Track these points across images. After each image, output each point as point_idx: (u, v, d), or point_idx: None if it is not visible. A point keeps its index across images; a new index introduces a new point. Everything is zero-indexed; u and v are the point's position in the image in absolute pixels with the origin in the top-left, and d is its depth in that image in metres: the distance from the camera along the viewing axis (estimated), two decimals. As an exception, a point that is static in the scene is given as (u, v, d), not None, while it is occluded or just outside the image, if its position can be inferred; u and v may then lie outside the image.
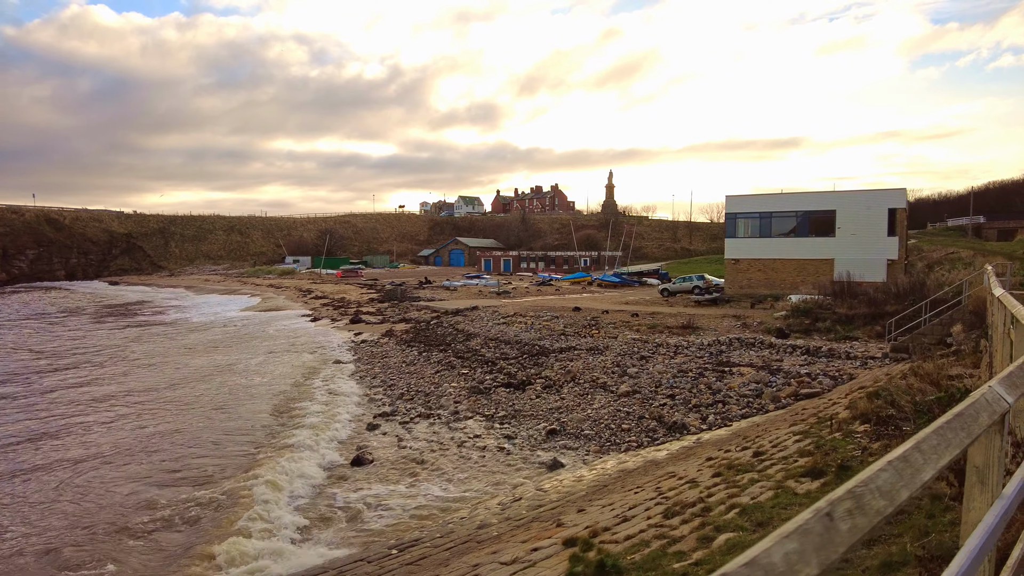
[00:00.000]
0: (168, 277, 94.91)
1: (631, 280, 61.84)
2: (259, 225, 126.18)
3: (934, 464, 1.30)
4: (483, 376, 21.20)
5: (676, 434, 14.79)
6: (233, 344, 32.46)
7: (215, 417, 18.44)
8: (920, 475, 1.25)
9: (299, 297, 57.96)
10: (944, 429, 1.45)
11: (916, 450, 1.31)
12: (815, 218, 37.78)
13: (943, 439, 1.41)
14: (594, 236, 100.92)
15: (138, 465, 14.37)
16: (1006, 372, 2.16)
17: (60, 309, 54.12)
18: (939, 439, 1.40)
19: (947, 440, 1.42)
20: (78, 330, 39.34)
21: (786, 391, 16.70)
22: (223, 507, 11.76)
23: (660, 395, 17.59)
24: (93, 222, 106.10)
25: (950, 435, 1.45)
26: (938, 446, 1.35)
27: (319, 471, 14.06)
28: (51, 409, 19.31)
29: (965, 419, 1.57)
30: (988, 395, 1.82)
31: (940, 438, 1.40)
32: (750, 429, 13.25)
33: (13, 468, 14.20)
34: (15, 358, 28.81)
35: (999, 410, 1.81)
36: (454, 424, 16.76)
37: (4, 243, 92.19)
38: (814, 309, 25.99)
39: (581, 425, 15.83)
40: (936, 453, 1.33)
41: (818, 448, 8.79)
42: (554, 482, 12.09)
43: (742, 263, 39.42)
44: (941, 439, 1.40)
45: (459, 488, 12.57)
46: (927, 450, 1.32)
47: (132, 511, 11.71)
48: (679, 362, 21.07)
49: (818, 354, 20.91)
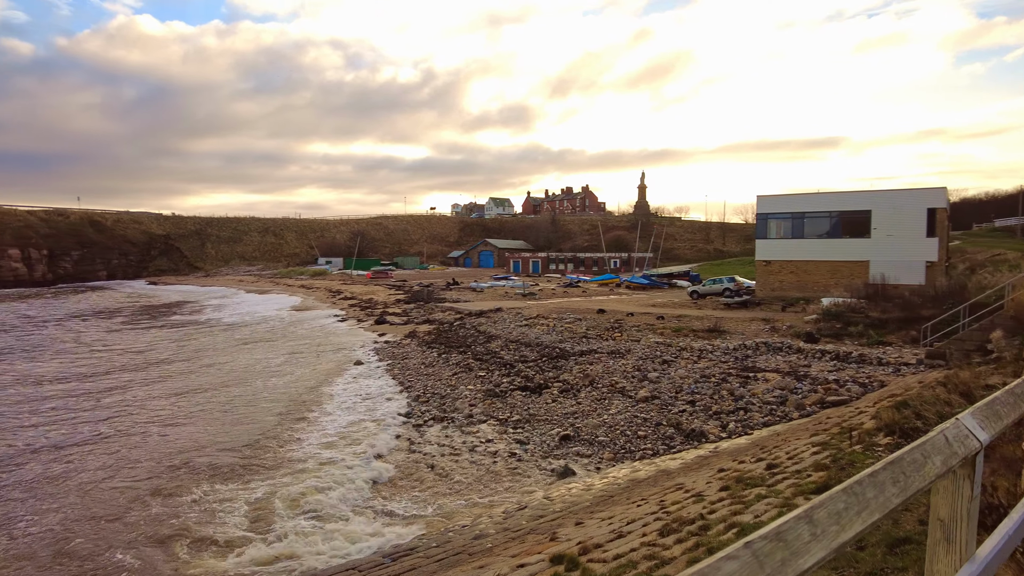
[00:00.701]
0: (204, 277, 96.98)
1: (660, 282, 60.88)
2: (293, 227, 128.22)
3: (825, 545, 0.92)
4: (500, 379, 20.90)
5: (694, 442, 14.27)
6: (258, 344, 32.79)
7: (224, 419, 18.50)
8: (793, 567, 0.88)
9: (328, 298, 58.51)
10: (863, 486, 1.08)
11: (806, 521, 0.95)
12: (849, 219, 36.53)
13: (856, 501, 1.04)
14: (624, 237, 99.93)
15: (135, 466, 14.45)
16: (985, 401, 1.76)
17: (110, 308, 55.69)
18: (849, 502, 1.03)
19: (861, 503, 1.05)
20: (117, 331, 40.34)
21: (811, 398, 16.01)
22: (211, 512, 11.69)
23: (680, 401, 17.05)
24: (133, 224, 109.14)
25: (870, 494, 1.08)
26: (842, 514, 0.98)
27: (327, 468, 13.99)
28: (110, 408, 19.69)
29: (904, 467, 1.20)
30: (951, 431, 1.44)
31: (851, 500, 1.03)
32: (770, 438, 12.67)
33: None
34: (77, 358, 29.59)
35: (964, 451, 1.43)
36: (467, 428, 16.49)
37: (51, 244, 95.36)
38: (845, 313, 25.00)
39: (596, 431, 15.41)
40: (832, 528, 0.95)
41: (835, 462, 8.26)
42: (562, 490, 11.72)
43: (773, 265, 38.36)
44: (853, 501, 1.03)
45: (466, 495, 12.29)
46: (822, 520, 0.95)
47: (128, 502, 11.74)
48: (702, 367, 20.45)
49: (848, 360, 20.07)
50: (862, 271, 34.53)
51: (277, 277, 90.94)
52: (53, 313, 51.56)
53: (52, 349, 31.89)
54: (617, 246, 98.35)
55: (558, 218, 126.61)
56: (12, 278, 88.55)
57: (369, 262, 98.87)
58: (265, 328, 39.58)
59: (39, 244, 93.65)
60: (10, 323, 44.30)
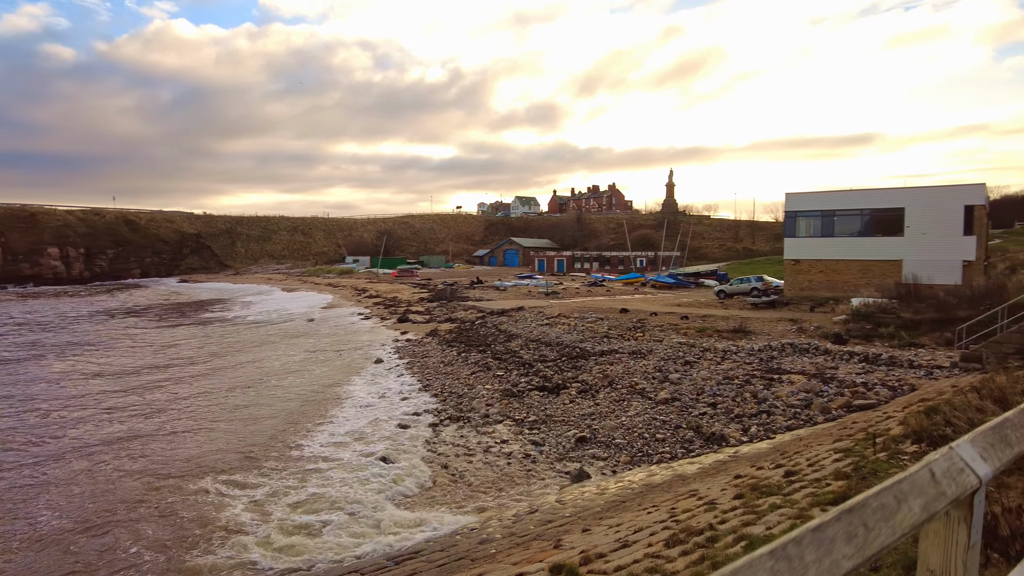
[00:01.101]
0: (233, 276, 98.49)
1: (687, 281, 59.98)
2: (321, 226, 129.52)
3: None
4: (518, 379, 20.68)
5: (713, 446, 13.87)
6: (281, 341, 33.08)
7: (237, 418, 18.60)
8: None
9: (353, 296, 58.91)
10: (801, 546, 0.82)
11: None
12: (881, 216, 35.47)
13: (788, 570, 0.78)
14: (651, 236, 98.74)
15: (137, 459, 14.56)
16: (992, 423, 1.47)
17: (143, 306, 56.94)
18: (777, 571, 0.77)
19: (796, 572, 0.79)
20: (152, 329, 41.12)
21: (838, 402, 15.46)
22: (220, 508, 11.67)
23: (701, 403, 16.63)
24: (166, 223, 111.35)
25: (809, 557, 0.82)
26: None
27: (341, 467, 13.94)
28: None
29: (867, 516, 0.93)
30: (941, 464, 1.15)
31: (780, 569, 0.78)
32: (792, 443, 12.23)
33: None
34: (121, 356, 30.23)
35: (956, 491, 1.15)
36: (483, 428, 16.32)
37: (87, 243, 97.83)
38: (876, 313, 24.19)
39: (613, 433, 15.09)
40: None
41: (856, 470, 7.86)
42: (575, 494, 11.46)
43: (802, 264, 37.44)
44: (783, 570, 0.78)
45: (477, 497, 12.10)
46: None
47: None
48: (725, 368, 19.95)
49: (877, 362, 19.38)
50: (895, 270, 33.49)
51: (305, 275, 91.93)
52: (93, 310, 52.84)
53: (89, 346, 32.60)
54: (644, 245, 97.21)
55: (584, 217, 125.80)
56: (52, 276, 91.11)
57: (395, 261, 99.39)
58: (290, 326, 39.96)
59: (76, 243, 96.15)
60: (61, 321, 45.51)
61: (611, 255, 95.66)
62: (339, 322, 41.04)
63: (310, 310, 49.31)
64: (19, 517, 11.49)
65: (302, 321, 42.18)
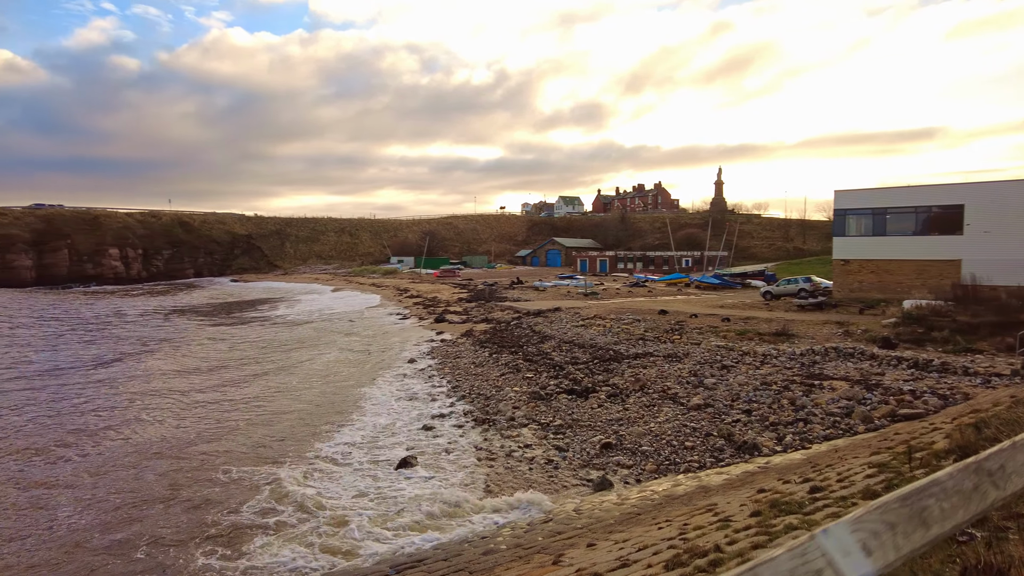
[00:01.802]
0: (282, 275, 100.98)
1: (732, 282, 58.39)
2: (367, 227, 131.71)
3: None
4: (547, 381, 20.31)
5: (745, 455, 13.23)
6: (320, 339, 33.55)
7: (260, 418, 18.79)
8: None
9: (395, 296, 59.51)
10: None
11: None
12: (939, 214, 33.63)
13: None
14: (697, 235, 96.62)
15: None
16: (895, 495, 1.07)
17: (201, 304, 58.95)
18: None
19: None
20: (211, 327, 42.41)
21: (881, 410, 14.56)
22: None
23: (735, 410, 15.94)
24: (218, 224, 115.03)
25: None
26: None
27: (362, 471, 13.89)
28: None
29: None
30: (783, 565, 0.77)
31: None
32: (827, 454, 11.52)
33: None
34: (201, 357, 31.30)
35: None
36: (507, 431, 16.03)
37: (145, 244, 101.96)
38: (929, 316, 22.83)
39: (640, 440, 14.58)
40: None
41: (887, 490, 7.23)
42: (594, 503, 11.05)
43: (852, 264, 35.84)
44: None
45: (494, 503, 11.80)
46: None
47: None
48: (764, 373, 19.13)
49: (928, 368, 18.23)
50: (953, 271, 31.69)
51: (350, 275, 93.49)
52: (169, 307, 54.93)
53: (157, 344, 33.78)
54: (689, 244, 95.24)
55: (628, 216, 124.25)
56: (112, 276, 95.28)
57: (438, 261, 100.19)
58: (331, 326, 40.55)
59: (135, 244, 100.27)
60: (140, 319, 47.43)
61: (655, 255, 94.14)
62: (378, 322, 41.43)
63: (352, 310, 50.02)
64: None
65: (342, 321, 42.77)
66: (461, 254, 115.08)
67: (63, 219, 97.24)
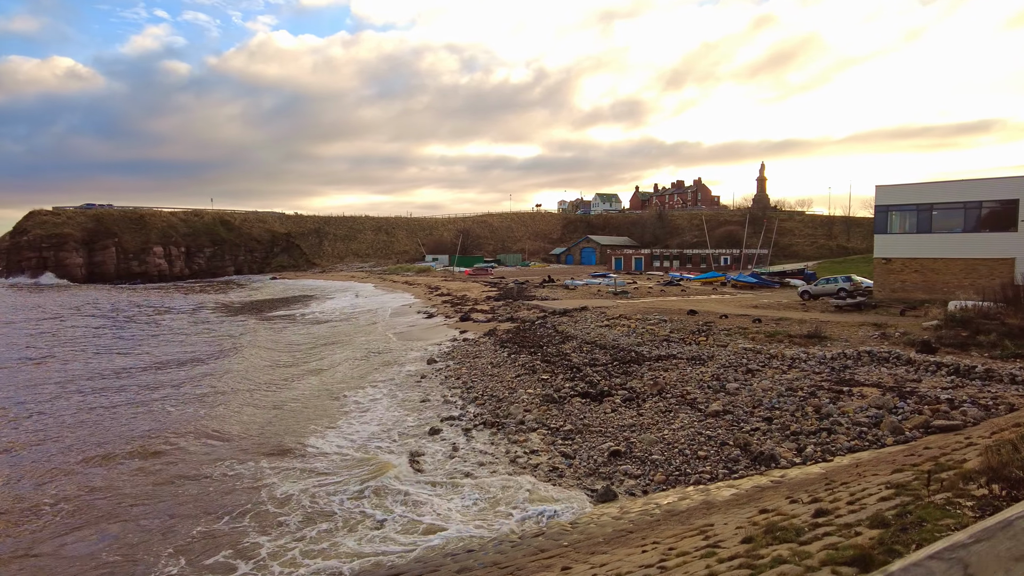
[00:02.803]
0: (319, 273, 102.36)
1: (770, 281, 56.51)
2: (403, 225, 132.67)
3: None
4: (563, 383, 19.69)
5: (760, 467, 12.41)
6: (345, 338, 33.59)
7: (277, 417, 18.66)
8: None
9: (425, 293, 59.50)
10: None
11: None
12: (990, 209, 31.68)
13: None
14: (736, 233, 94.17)
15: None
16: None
17: (237, 302, 60.20)
18: None
19: None
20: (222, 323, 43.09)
21: (913, 421, 13.52)
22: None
23: (755, 417, 15.07)
24: (258, 223, 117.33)
25: None
26: None
27: (360, 474, 13.59)
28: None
29: None
30: None
31: None
32: (846, 469, 10.65)
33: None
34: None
35: None
36: (515, 436, 15.51)
37: (188, 242, 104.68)
38: (975, 319, 21.35)
39: (651, 448, 13.87)
40: None
41: (899, 517, 6.47)
42: (592, 516, 10.45)
43: (894, 263, 34.10)
44: None
45: (487, 513, 11.30)
46: None
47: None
48: (790, 378, 18.14)
49: (970, 375, 16.95)
50: (1005, 270, 29.81)
51: (385, 274, 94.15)
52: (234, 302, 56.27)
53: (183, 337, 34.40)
54: (729, 242, 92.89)
55: (665, 213, 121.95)
56: (156, 273, 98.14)
57: (472, 259, 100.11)
58: (355, 323, 40.66)
59: (178, 242, 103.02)
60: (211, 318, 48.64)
61: (693, 253, 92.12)
62: (403, 319, 41.37)
63: (380, 308, 50.17)
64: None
65: (370, 318, 42.88)
66: (495, 252, 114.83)
67: (112, 218, 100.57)
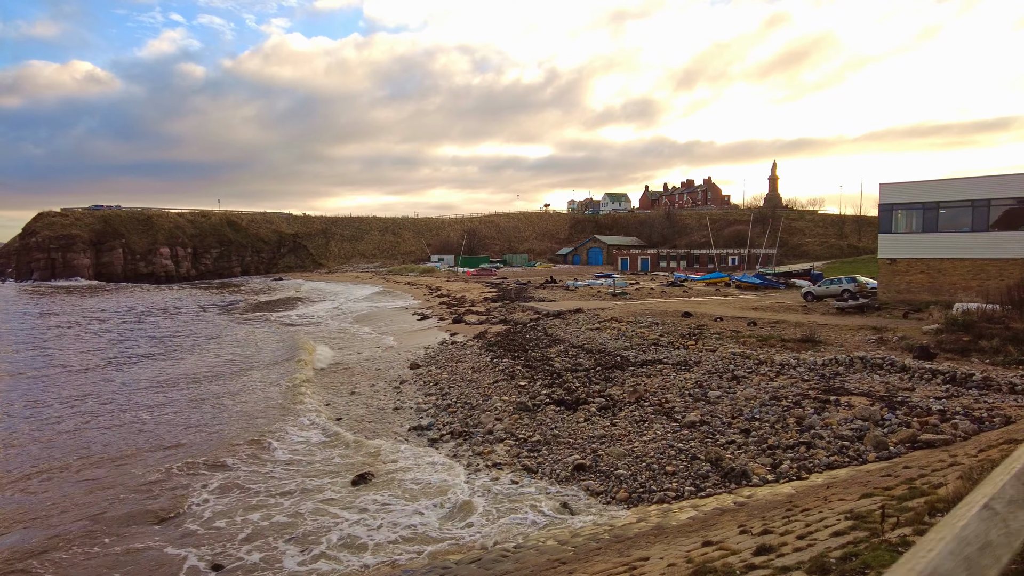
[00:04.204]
0: (325, 274, 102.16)
1: (776, 282, 55.27)
2: (410, 226, 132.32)
3: None
4: (539, 390, 18.88)
5: (730, 484, 11.55)
6: (336, 341, 33.00)
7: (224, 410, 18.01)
8: None
9: (425, 294, 58.86)
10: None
11: None
12: (1002, 208, 30.41)
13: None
14: (745, 232, 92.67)
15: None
16: None
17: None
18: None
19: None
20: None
21: (900, 434, 12.57)
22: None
23: (733, 429, 14.19)
24: (265, 224, 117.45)
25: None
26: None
27: (318, 485, 12.92)
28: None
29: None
30: None
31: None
32: (814, 491, 9.77)
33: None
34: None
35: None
36: (480, 447, 14.76)
37: (195, 243, 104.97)
38: (978, 323, 20.25)
39: (618, 462, 13.04)
40: None
41: (841, 562, 5.62)
42: (537, 538, 9.66)
43: (899, 264, 32.90)
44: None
45: (413, 541, 10.51)
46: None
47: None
48: (776, 386, 17.21)
49: (967, 384, 15.92)
50: (1017, 270, 28.56)
51: (390, 274, 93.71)
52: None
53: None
54: (738, 242, 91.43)
55: (673, 213, 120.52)
56: (163, 274, 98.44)
57: (478, 259, 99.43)
58: (347, 333, 40.08)
59: (185, 243, 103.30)
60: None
61: (700, 253, 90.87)
62: (397, 320, 40.72)
63: (377, 308, 49.60)
64: None
65: (366, 319, 42.31)
66: (502, 252, 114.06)
67: (119, 220, 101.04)
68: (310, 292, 74.00)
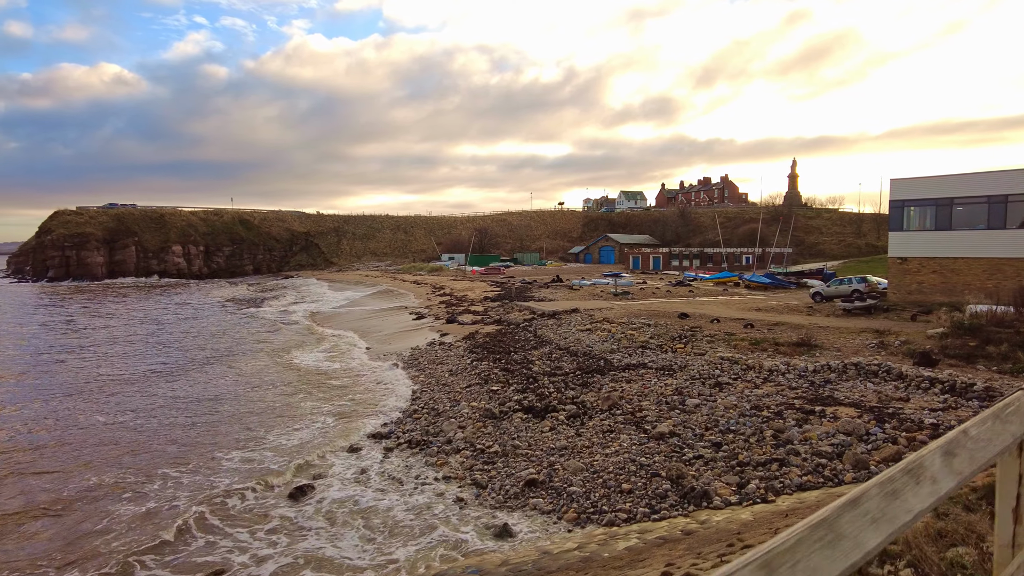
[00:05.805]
0: (336, 272, 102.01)
1: (786, 281, 53.65)
2: (422, 224, 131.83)
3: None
4: (512, 395, 17.88)
5: (688, 506, 10.47)
6: (327, 342, 32.32)
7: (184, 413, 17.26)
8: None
9: (427, 293, 58.11)
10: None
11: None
12: (1018, 203, 28.75)
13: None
14: (761, 230, 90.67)
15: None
16: None
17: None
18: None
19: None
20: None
21: (884, 452, 11.37)
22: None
23: (703, 442, 13.08)
24: (278, 222, 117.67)
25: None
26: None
27: (244, 494, 12.10)
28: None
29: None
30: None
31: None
32: (774, 519, 8.67)
33: None
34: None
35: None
36: (434, 458, 13.84)
37: (207, 241, 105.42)
38: (986, 326, 18.82)
39: (572, 478, 12.01)
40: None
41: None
42: (472, 561, 8.70)
43: (911, 263, 31.32)
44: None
45: (347, 558, 9.62)
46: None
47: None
48: (761, 394, 16.03)
49: (967, 394, 14.60)
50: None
51: (398, 272, 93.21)
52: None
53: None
54: (752, 240, 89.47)
55: (688, 211, 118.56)
56: (175, 271, 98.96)
57: (489, 258, 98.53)
58: (340, 338, 39.44)
59: (197, 241, 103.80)
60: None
61: (713, 251, 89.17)
62: (392, 320, 39.97)
63: (374, 307, 48.95)
64: None
65: (364, 319, 41.65)
66: (513, 251, 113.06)
67: (133, 218, 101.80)
68: (310, 293, 73.64)
